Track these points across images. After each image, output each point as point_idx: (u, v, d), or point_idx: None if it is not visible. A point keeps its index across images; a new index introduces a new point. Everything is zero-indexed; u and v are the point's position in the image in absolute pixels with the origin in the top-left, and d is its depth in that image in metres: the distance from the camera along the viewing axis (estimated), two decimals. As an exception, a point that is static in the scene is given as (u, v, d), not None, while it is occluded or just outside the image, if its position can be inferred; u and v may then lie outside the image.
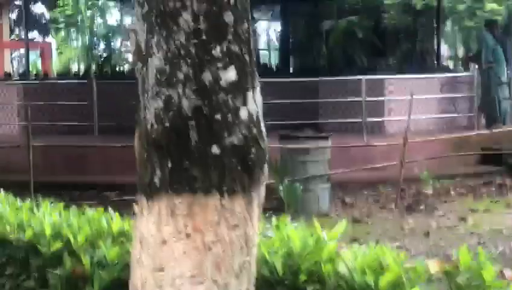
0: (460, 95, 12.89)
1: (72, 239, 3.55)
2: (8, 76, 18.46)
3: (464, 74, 12.88)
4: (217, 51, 2.33)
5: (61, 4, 30.49)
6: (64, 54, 31.81)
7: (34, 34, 34.44)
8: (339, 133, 10.55)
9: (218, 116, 2.32)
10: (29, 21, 23.64)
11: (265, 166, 2.45)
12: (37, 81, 15.15)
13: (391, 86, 12.12)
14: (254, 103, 2.40)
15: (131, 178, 9.55)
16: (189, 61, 2.31)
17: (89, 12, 32.37)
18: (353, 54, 25.84)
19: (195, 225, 2.33)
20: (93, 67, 28.83)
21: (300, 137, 8.34)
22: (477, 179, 10.34)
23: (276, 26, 25.96)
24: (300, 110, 11.50)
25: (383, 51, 26.18)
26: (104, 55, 30.89)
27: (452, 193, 9.50)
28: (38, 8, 38.07)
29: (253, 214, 2.43)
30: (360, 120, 11.58)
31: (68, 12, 31.12)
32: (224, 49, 2.33)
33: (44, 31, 37.91)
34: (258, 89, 2.42)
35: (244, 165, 2.37)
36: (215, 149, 2.32)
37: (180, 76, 2.31)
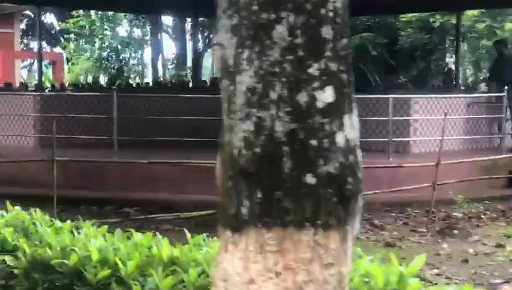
0: (487, 116, 12.66)
1: (121, 266, 3.30)
2: (23, 86, 18.24)
3: (492, 94, 12.60)
4: (313, 69, 2.09)
5: (75, 15, 30.36)
6: (76, 65, 31.65)
7: (42, 45, 34.26)
8: (362, 152, 10.22)
9: (313, 142, 2.09)
10: (37, 32, 23.39)
11: (360, 197, 2.22)
12: (54, 93, 14.91)
13: (417, 105, 11.87)
14: (351, 128, 2.16)
15: (150, 194, 9.25)
16: (283, 79, 2.08)
17: (101, 24, 32.24)
18: (365, 71, 25.72)
19: (286, 263, 2.10)
20: (105, 79, 28.72)
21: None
22: (506, 203, 10.09)
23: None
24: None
25: (396, 69, 26.05)
26: (116, 67, 30.77)
27: (483, 217, 9.23)
28: (47, 19, 37.99)
29: (347, 250, 2.19)
30: (385, 139, 11.34)
31: (82, 23, 30.99)
32: (322, 67, 2.10)
33: (52, 41, 37.81)
34: (355, 112, 2.19)
35: (340, 196, 2.13)
36: (309, 178, 2.09)
37: (274, 96, 2.08)
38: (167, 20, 36.07)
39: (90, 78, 28.34)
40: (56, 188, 9.26)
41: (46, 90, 16.51)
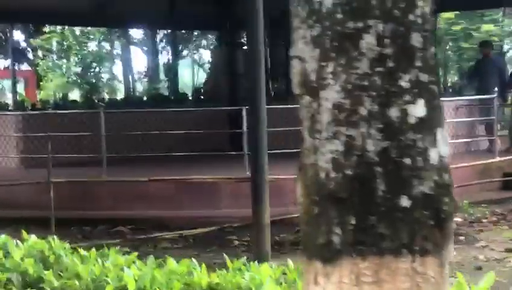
0: (475, 118, 12.58)
1: (161, 297, 3.09)
2: (4, 106, 17.88)
3: (484, 96, 12.43)
4: (404, 81, 1.92)
5: (46, 31, 29.97)
6: (50, 82, 31.22)
7: (11, 63, 33.75)
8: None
9: (407, 161, 1.92)
10: (8, 49, 22.99)
11: (454, 218, 2.05)
12: (37, 112, 14.54)
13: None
14: (443, 143, 1.99)
15: (141, 211, 8.95)
16: (374, 93, 1.90)
17: (74, 40, 31.85)
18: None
19: (384, 294, 1.91)
20: (79, 94, 28.36)
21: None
22: (504, 206, 10.00)
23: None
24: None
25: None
26: (89, 82, 30.42)
27: (484, 221, 9.11)
28: (14, 36, 37.39)
29: (445, 277, 2.01)
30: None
31: (54, 38, 30.59)
32: (413, 78, 1.93)
33: (21, 59, 37.23)
34: (445, 126, 2.02)
35: (436, 219, 1.96)
36: (404, 200, 1.91)
37: (364, 112, 1.90)
38: (138, 33, 35.78)
39: (66, 95, 27.92)
40: (44, 210, 9.09)
41: (28, 109, 16.16)
